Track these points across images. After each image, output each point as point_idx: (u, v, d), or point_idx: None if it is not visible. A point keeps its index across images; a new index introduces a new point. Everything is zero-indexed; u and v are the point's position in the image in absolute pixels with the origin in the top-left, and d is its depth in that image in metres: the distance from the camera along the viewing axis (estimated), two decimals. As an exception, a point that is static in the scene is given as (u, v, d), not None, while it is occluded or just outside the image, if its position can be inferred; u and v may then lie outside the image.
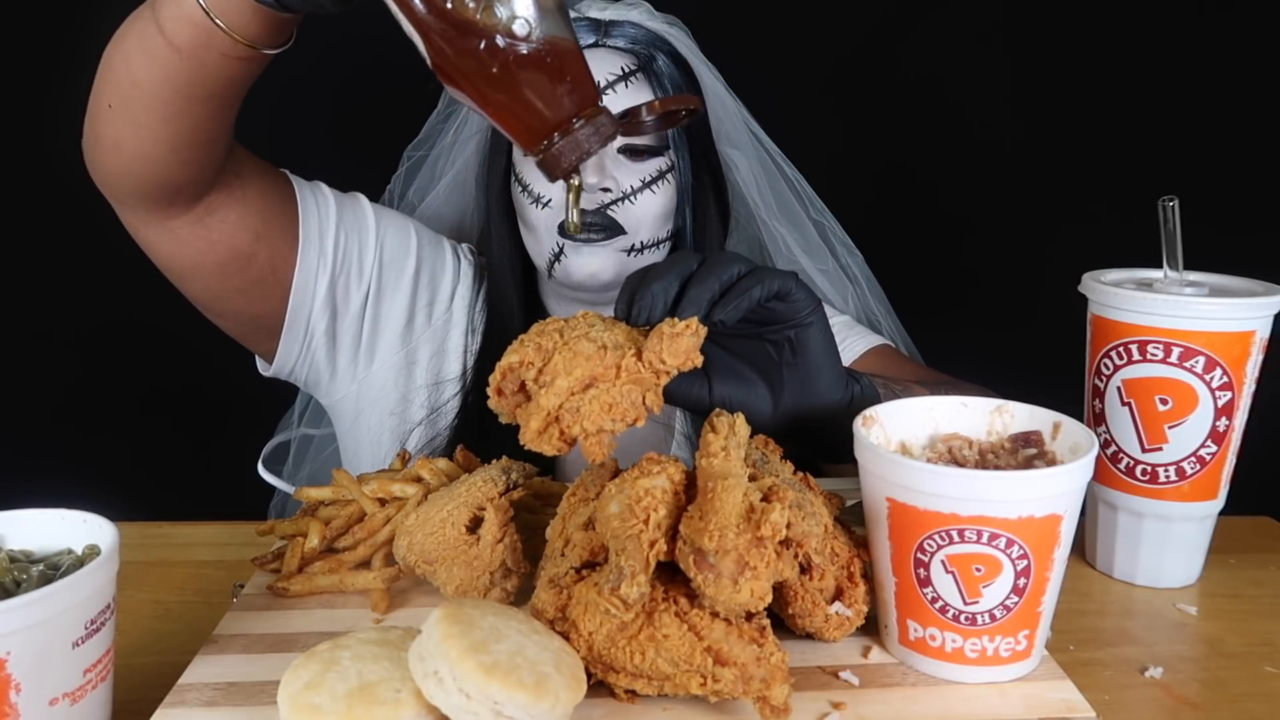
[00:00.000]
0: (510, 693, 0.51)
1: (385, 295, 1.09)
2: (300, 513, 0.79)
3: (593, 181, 1.01)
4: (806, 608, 0.64)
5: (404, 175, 1.26)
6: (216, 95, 0.81)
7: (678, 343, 0.63)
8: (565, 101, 0.62)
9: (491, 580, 0.69)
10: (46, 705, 0.53)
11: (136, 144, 0.83)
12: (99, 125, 0.84)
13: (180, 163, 0.86)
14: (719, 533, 0.56)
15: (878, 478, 0.63)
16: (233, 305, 1.01)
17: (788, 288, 0.70)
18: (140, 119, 0.81)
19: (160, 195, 0.89)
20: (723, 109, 1.17)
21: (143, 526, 0.90)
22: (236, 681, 0.62)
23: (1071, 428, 0.67)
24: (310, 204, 1.02)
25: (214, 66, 0.77)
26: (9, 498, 0.63)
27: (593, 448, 0.62)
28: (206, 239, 0.94)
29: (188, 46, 0.76)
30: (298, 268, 1.01)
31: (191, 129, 0.83)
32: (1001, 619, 0.61)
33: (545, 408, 0.62)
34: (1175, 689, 0.67)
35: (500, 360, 0.64)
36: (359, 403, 1.12)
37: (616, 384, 0.62)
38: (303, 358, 1.07)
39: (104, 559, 0.56)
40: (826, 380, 0.74)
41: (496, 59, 0.59)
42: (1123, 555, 0.82)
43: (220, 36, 0.74)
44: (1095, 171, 1.83)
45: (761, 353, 0.75)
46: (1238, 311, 0.74)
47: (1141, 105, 1.81)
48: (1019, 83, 1.83)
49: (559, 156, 0.63)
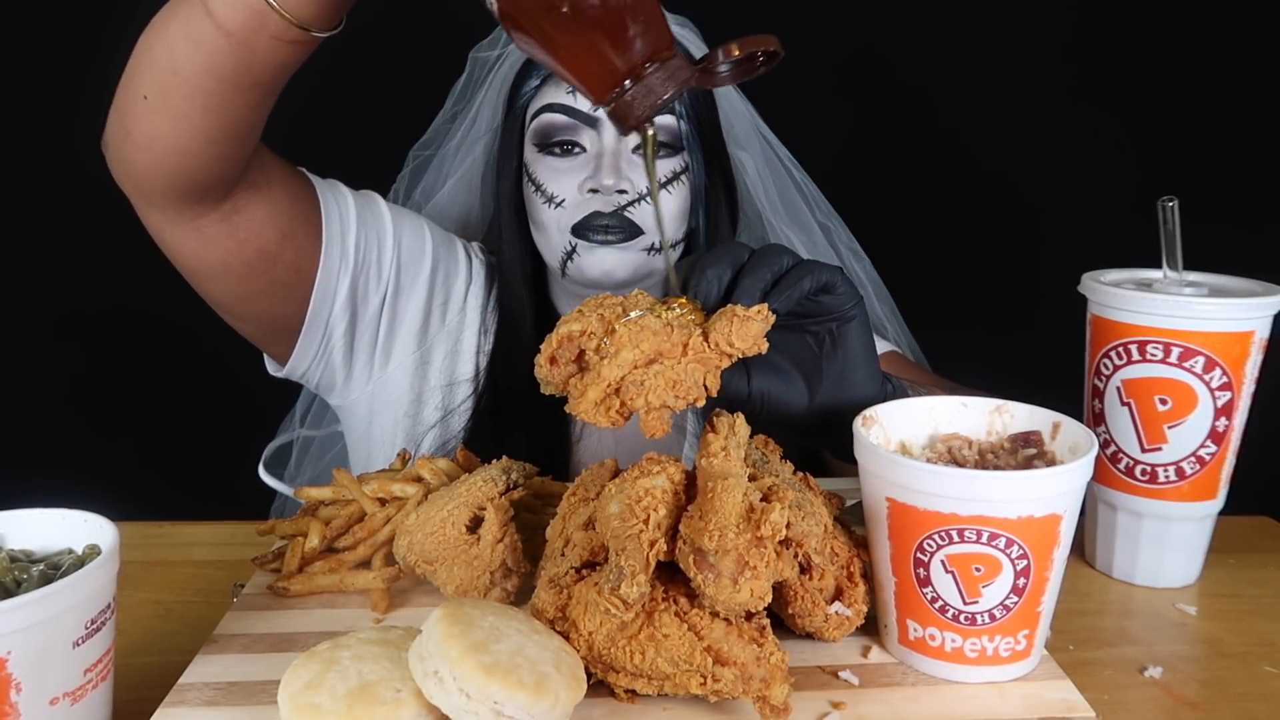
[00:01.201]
0: (510, 692, 0.51)
1: (403, 295, 1.09)
2: (300, 512, 0.79)
3: (609, 183, 1.01)
4: (806, 608, 0.64)
5: (409, 175, 1.26)
6: (261, 83, 0.79)
7: (748, 327, 0.63)
8: (638, 44, 0.58)
9: (491, 580, 0.69)
10: (47, 705, 0.53)
11: (174, 136, 0.81)
12: (132, 118, 0.82)
13: (216, 156, 0.84)
14: (719, 533, 0.56)
15: (878, 477, 0.63)
16: (255, 307, 1.00)
17: (834, 281, 0.70)
18: (180, 110, 0.80)
19: (191, 192, 0.87)
20: (732, 111, 1.17)
21: (143, 526, 0.90)
22: (237, 681, 0.62)
23: (1071, 428, 0.67)
24: (331, 203, 1.01)
25: (263, 51, 0.76)
26: (9, 497, 0.63)
27: (653, 422, 0.62)
28: (234, 238, 0.92)
29: (239, 30, 0.74)
30: (320, 268, 1.00)
31: (232, 120, 0.82)
32: (1001, 619, 0.61)
33: (607, 378, 0.61)
34: (1175, 689, 0.67)
35: (555, 329, 0.63)
36: (373, 404, 1.12)
37: (682, 362, 0.62)
38: (318, 359, 1.07)
39: (104, 559, 0.56)
40: (863, 375, 0.74)
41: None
42: (1122, 555, 0.82)
43: (274, 19, 0.73)
44: (1095, 171, 1.83)
45: (802, 345, 0.75)
46: (1237, 312, 0.74)
47: (1141, 105, 1.81)
48: (1018, 83, 1.83)
49: (632, 104, 0.60)
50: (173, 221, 0.90)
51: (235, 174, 0.89)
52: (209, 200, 0.89)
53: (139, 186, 0.88)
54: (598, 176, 1.02)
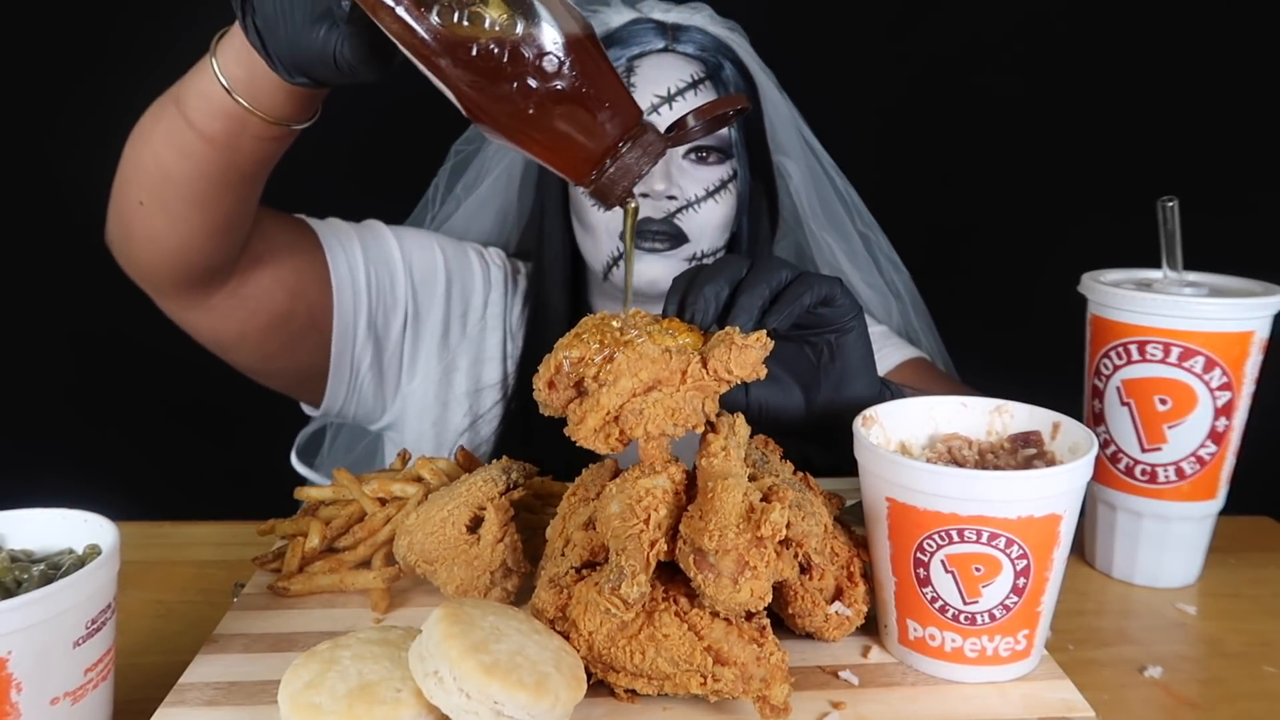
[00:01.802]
0: (510, 692, 0.51)
1: (422, 315, 1.10)
2: (300, 512, 0.79)
3: (660, 189, 1.01)
4: (806, 607, 0.64)
5: (450, 170, 1.25)
6: (249, 177, 0.82)
7: (746, 355, 0.63)
8: (608, 128, 0.61)
9: (491, 580, 0.69)
10: (47, 704, 0.53)
11: (173, 235, 0.84)
12: (131, 221, 0.85)
13: (216, 246, 0.86)
14: (719, 533, 0.56)
15: (878, 478, 0.63)
16: (279, 364, 1.02)
17: (834, 293, 0.71)
18: (175, 211, 0.82)
19: (197, 279, 0.89)
20: (778, 117, 1.17)
21: (143, 526, 0.90)
22: (237, 681, 0.62)
23: (1071, 428, 0.67)
24: (335, 246, 1.02)
25: (247, 150, 0.78)
26: (9, 497, 0.63)
27: (653, 451, 0.62)
28: (245, 309, 0.95)
29: (221, 136, 0.76)
30: (335, 313, 1.01)
31: (226, 212, 0.84)
32: (1001, 619, 0.61)
33: (606, 406, 0.61)
34: (1175, 689, 0.67)
35: (553, 353, 0.64)
36: (401, 417, 1.13)
37: (680, 390, 0.62)
38: (350, 396, 1.08)
39: (105, 559, 0.56)
40: (861, 385, 0.75)
41: (530, 100, 0.58)
42: (1122, 555, 0.82)
43: (254, 121, 0.75)
44: (1095, 172, 1.83)
45: (800, 355, 0.75)
46: (1237, 312, 0.74)
47: (1141, 105, 1.81)
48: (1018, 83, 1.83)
49: (612, 184, 0.62)
50: (184, 306, 0.93)
51: (237, 255, 0.91)
52: (215, 282, 0.91)
53: (146, 280, 0.90)
54: (649, 181, 1.02)
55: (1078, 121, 1.85)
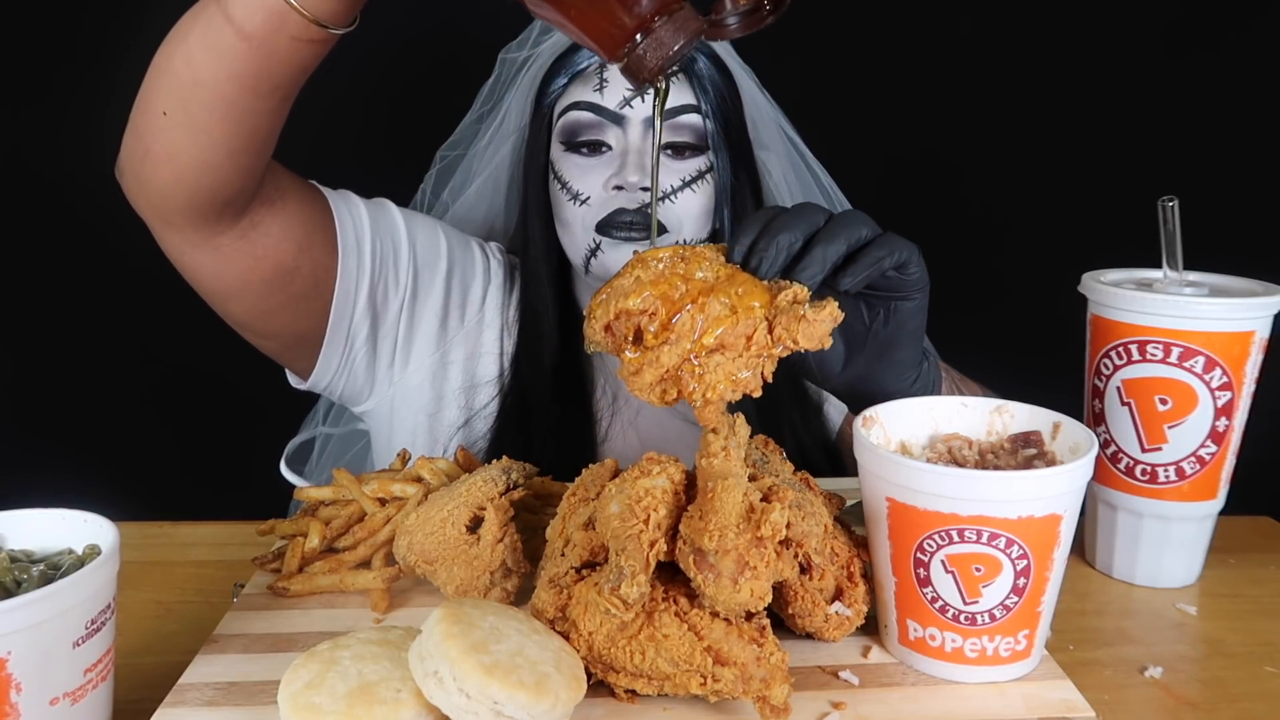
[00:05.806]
0: (510, 692, 0.51)
1: (420, 299, 1.10)
2: (300, 513, 0.79)
3: (634, 180, 1.02)
4: (806, 608, 0.64)
5: (437, 175, 1.26)
6: (280, 87, 0.80)
7: (815, 328, 0.62)
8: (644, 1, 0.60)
9: (491, 580, 0.69)
10: (47, 705, 0.53)
11: (195, 150, 0.82)
12: (151, 136, 0.83)
13: (236, 168, 0.85)
14: (719, 533, 0.56)
15: (878, 478, 0.63)
16: (275, 323, 1.01)
17: (910, 259, 0.70)
18: (200, 122, 0.81)
19: (210, 209, 0.88)
20: (758, 112, 1.17)
21: (143, 526, 0.90)
22: (237, 681, 0.62)
23: (1071, 428, 0.67)
24: (344, 212, 1.02)
25: (283, 53, 0.77)
26: (9, 497, 0.63)
27: (709, 415, 0.61)
28: (252, 254, 0.93)
29: (259, 33, 0.75)
30: (339, 277, 1.01)
31: (251, 129, 0.83)
32: (1001, 619, 0.61)
33: (665, 364, 0.61)
34: (1175, 689, 0.67)
35: (611, 297, 0.63)
36: (394, 407, 1.13)
37: (744, 355, 0.61)
38: (342, 369, 1.07)
39: (104, 559, 0.56)
40: (905, 354, 0.74)
41: None
42: (1122, 555, 0.82)
43: (294, 18, 0.74)
44: (1095, 171, 1.83)
45: (855, 312, 0.74)
46: (1237, 311, 0.74)
47: (1142, 105, 1.81)
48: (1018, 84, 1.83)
49: (643, 58, 0.61)
50: (191, 242, 0.91)
51: (252, 187, 0.90)
52: (226, 217, 0.90)
53: (157, 206, 0.88)
54: (623, 174, 1.02)
55: (1078, 121, 1.85)
